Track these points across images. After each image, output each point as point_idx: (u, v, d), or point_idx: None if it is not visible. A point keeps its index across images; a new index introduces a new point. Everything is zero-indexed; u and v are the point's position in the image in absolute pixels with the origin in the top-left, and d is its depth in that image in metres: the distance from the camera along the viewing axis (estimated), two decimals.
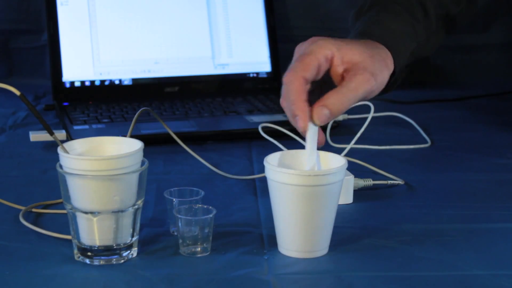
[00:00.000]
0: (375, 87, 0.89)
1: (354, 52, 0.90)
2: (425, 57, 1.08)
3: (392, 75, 0.95)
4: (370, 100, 1.21)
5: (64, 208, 0.87)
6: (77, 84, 1.49)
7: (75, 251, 0.86)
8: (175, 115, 1.39)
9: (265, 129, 1.20)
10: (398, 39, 0.98)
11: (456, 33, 1.16)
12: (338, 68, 0.89)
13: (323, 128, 1.29)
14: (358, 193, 1.06)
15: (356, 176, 1.05)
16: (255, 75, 1.57)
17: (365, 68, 0.88)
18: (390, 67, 0.94)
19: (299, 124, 0.85)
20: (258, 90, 1.55)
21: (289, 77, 0.87)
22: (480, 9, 1.77)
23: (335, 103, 0.85)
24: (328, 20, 1.73)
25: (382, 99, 1.60)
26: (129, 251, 0.87)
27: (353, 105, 0.90)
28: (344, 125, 1.37)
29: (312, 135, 0.86)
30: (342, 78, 0.89)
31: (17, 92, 0.84)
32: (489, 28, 1.78)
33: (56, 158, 0.85)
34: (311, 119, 0.85)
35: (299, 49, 0.90)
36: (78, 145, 0.88)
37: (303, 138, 0.88)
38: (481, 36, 1.78)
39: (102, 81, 1.50)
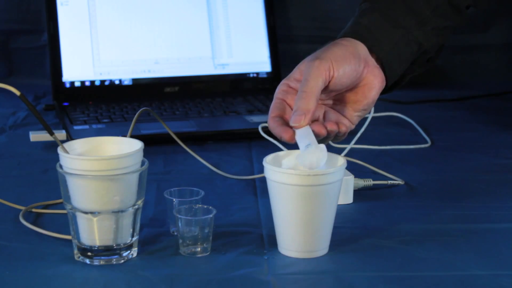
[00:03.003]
0: (329, 64, 0.89)
1: (299, 66, 0.92)
2: (435, 50, 1.05)
3: (382, 65, 0.95)
4: None
5: (64, 208, 0.87)
6: (77, 84, 1.49)
7: (75, 251, 0.86)
8: (175, 115, 1.39)
9: (265, 129, 1.20)
10: (369, 29, 0.96)
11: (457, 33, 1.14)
12: (296, 87, 0.92)
13: None
14: (358, 193, 1.06)
15: (356, 176, 1.05)
16: (255, 75, 1.57)
17: (304, 62, 0.90)
18: (353, 45, 0.93)
19: (286, 139, 0.88)
20: (258, 90, 1.55)
21: (267, 122, 0.91)
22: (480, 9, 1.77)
23: (300, 103, 0.87)
24: (328, 20, 1.73)
25: (382, 99, 1.59)
26: (129, 251, 0.87)
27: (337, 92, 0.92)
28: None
29: (300, 135, 0.87)
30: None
31: (17, 92, 0.84)
32: (489, 28, 1.78)
33: (56, 158, 0.85)
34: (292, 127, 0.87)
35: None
36: (78, 145, 0.88)
37: None
38: (481, 36, 1.78)
39: (102, 81, 1.50)
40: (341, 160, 0.87)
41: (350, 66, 0.91)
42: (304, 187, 0.84)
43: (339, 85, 0.91)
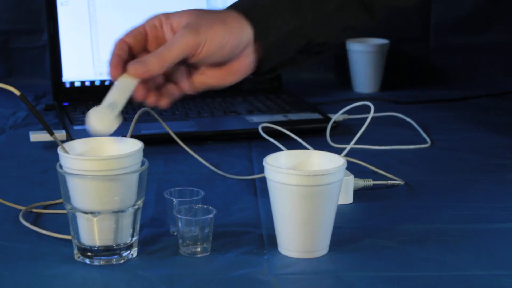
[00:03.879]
0: (202, 42, 0.87)
1: (181, 15, 0.90)
2: (332, 42, 0.99)
3: (260, 53, 0.92)
4: (369, 100, 1.21)
5: (64, 208, 0.87)
6: (77, 84, 1.49)
7: (75, 251, 0.86)
8: (175, 115, 1.39)
9: (265, 129, 1.20)
10: (265, 13, 0.92)
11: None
12: (169, 35, 0.90)
13: (323, 128, 1.29)
14: (358, 193, 1.06)
15: (356, 176, 1.05)
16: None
17: (185, 26, 0.88)
18: (239, 31, 0.89)
19: (110, 74, 0.87)
20: (258, 90, 1.55)
21: (116, 41, 0.90)
22: (480, 9, 1.77)
23: (150, 59, 0.86)
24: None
25: (382, 99, 1.60)
26: (129, 251, 0.87)
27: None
28: (344, 125, 1.37)
29: (119, 85, 0.86)
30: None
31: (17, 92, 0.84)
32: (489, 28, 1.78)
33: (56, 158, 0.85)
34: (127, 71, 0.86)
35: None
36: (78, 145, 0.88)
37: (304, 139, 0.88)
38: (481, 36, 1.78)
39: (102, 81, 1.50)
40: (341, 160, 0.87)
41: (223, 52, 0.89)
42: (305, 187, 0.84)
43: (201, 61, 0.89)
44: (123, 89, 0.86)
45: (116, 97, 0.86)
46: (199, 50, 0.87)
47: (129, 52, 0.89)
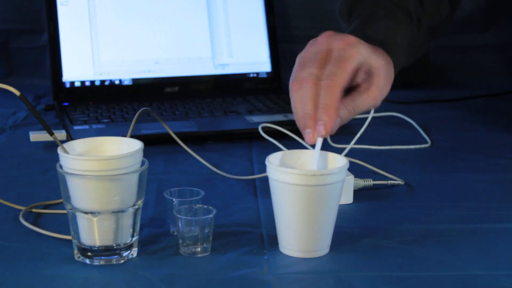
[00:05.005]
0: (379, 102, 0.93)
1: (378, 64, 0.92)
2: (419, 55, 1.08)
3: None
4: None
5: (64, 208, 0.87)
6: (77, 84, 1.49)
7: (75, 251, 0.86)
8: (175, 115, 1.39)
9: (265, 129, 1.20)
10: (395, 41, 0.98)
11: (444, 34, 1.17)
12: (360, 75, 0.92)
13: None
14: (358, 193, 1.06)
15: (356, 176, 1.05)
16: (255, 75, 1.57)
17: (377, 86, 0.91)
18: (393, 75, 0.96)
19: (308, 140, 0.88)
20: (258, 90, 1.55)
21: (330, 83, 0.88)
22: (480, 9, 1.77)
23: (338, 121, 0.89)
24: (328, 20, 1.72)
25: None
26: (129, 251, 0.87)
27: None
28: (344, 125, 1.37)
29: (319, 145, 0.88)
30: (357, 83, 0.92)
31: (17, 92, 0.84)
32: (489, 28, 1.78)
33: (56, 158, 0.85)
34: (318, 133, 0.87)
35: (334, 43, 0.91)
36: (78, 145, 0.88)
37: (303, 138, 0.88)
38: (481, 36, 1.78)
39: (102, 81, 1.50)
40: (343, 160, 0.87)
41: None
42: (307, 186, 0.84)
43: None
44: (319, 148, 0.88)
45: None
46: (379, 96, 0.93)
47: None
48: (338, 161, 0.88)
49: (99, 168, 0.82)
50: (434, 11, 1.08)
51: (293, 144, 1.14)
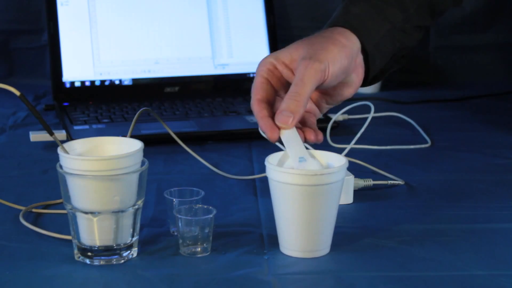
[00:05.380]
0: (326, 67, 0.88)
1: (291, 51, 0.91)
2: (412, 47, 1.05)
3: (367, 56, 0.95)
4: (369, 100, 1.21)
5: (64, 208, 0.87)
6: (77, 84, 1.49)
7: (75, 251, 0.86)
8: (175, 115, 1.39)
9: None
10: (361, 19, 0.96)
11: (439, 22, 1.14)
12: (287, 73, 0.91)
13: (323, 128, 1.29)
14: (358, 193, 1.06)
15: (356, 176, 1.05)
16: (255, 75, 1.56)
17: (303, 57, 0.89)
18: (350, 44, 0.92)
19: (269, 137, 0.87)
20: None
21: (251, 102, 0.90)
22: (480, 9, 1.77)
23: (290, 103, 0.86)
24: (328, 20, 1.73)
25: (382, 99, 1.60)
26: (129, 251, 0.87)
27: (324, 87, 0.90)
28: (344, 125, 1.37)
29: (287, 138, 0.86)
30: None
31: (17, 92, 0.84)
32: (489, 28, 1.78)
33: (56, 158, 0.85)
34: (280, 128, 0.86)
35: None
36: (78, 145, 0.88)
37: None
38: (481, 36, 1.78)
39: (102, 81, 1.50)
40: (342, 160, 0.87)
41: (343, 69, 0.90)
42: (307, 186, 0.84)
43: (328, 85, 0.91)
44: (293, 140, 0.87)
45: (297, 150, 0.87)
46: (326, 76, 0.88)
47: (269, 107, 0.89)
48: (338, 161, 0.88)
49: (99, 168, 0.82)
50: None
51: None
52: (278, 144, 1.16)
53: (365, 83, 0.98)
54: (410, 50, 1.04)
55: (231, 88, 1.55)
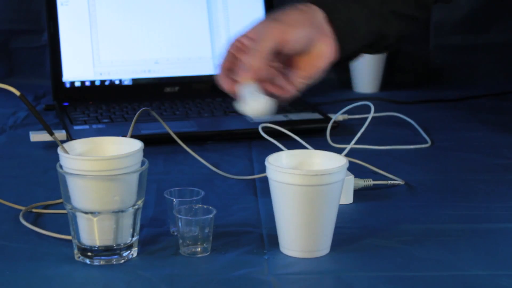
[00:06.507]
0: (285, 26, 0.91)
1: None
2: (395, 37, 1.04)
3: (338, 36, 0.96)
4: (369, 100, 1.21)
5: (64, 208, 0.87)
6: (77, 84, 1.49)
7: (75, 251, 0.86)
8: (175, 115, 1.39)
9: (265, 129, 1.20)
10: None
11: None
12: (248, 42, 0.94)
13: (323, 128, 1.29)
14: (358, 193, 1.06)
15: (356, 176, 1.05)
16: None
17: (272, 19, 0.92)
18: (310, 11, 0.94)
19: (226, 88, 0.93)
20: None
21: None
22: (480, 9, 1.77)
23: (248, 58, 0.90)
24: None
25: (382, 99, 1.60)
26: (129, 251, 0.87)
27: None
28: (344, 125, 1.37)
29: (245, 92, 0.90)
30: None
31: (17, 93, 0.84)
32: (489, 28, 1.78)
33: (56, 158, 0.85)
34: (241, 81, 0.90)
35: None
36: (78, 145, 0.88)
37: (304, 138, 0.88)
38: (481, 36, 1.78)
39: (102, 81, 1.50)
40: (342, 160, 0.87)
41: (305, 31, 0.92)
42: (307, 187, 0.84)
43: (291, 49, 0.92)
44: (251, 94, 0.89)
45: (254, 104, 0.89)
46: (284, 35, 0.90)
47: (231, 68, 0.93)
48: (338, 161, 0.88)
49: (99, 168, 0.82)
50: None
51: (293, 144, 1.14)
52: (277, 143, 1.16)
53: (337, 63, 0.98)
54: (394, 41, 1.04)
55: None
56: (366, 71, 1.67)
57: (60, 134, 1.26)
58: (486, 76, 1.77)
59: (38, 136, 1.24)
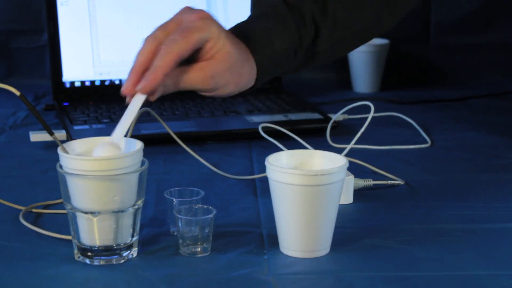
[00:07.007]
0: (208, 86, 0.91)
1: (226, 46, 0.90)
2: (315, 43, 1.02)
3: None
4: (369, 100, 1.21)
5: (64, 208, 0.87)
6: (77, 84, 1.49)
7: (75, 251, 0.86)
8: (175, 115, 1.39)
9: (265, 129, 1.20)
10: (267, 41, 0.96)
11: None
12: (205, 52, 0.90)
13: (323, 128, 1.29)
14: (358, 193, 1.06)
15: (356, 176, 1.05)
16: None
17: (211, 69, 0.90)
18: (247, 72, 0.94)
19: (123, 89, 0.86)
20: (258, 90, 1.55)
21: (168, 48, 0.87)
22: (480, 9, 1.77)
23: (150, 80, 0.85)
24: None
25: (382, 99, 1.60)
26: (129, 251, 0.87)
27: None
28: (344, 125, 1.37)
29: (136, 105, 0.87)
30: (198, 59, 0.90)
31: (17, 92, 0.84)
32: (489, 28, 1.78)
33: (56, 158, 0.85)
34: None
35: (185, 15, 0.90)
36: (78, 145, 0.88)
37: (304, 138, 0.88)
38: (481, 36, 1.78)
39: (102, 81, 1.50)
40: (342, 160, 0.87)
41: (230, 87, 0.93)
42: (307, 187, 0.84)
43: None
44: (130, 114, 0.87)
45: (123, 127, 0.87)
46: (208, 72, 0.90)
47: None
48: (338, 161, 0.88)
49: (99, 168, 0.82)
50: (344, 21, 1.02)
51: (293, 144, 1.15)
52: (277, 143, 1.16)
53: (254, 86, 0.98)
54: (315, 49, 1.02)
55: None
56: (366, 71, 1.67)
57: (60, 134, 1.26)
58: (486, 76, 1.77)
59: (38, 136, 1.24)
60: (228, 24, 1.56)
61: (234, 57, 0.91)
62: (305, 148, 1.15)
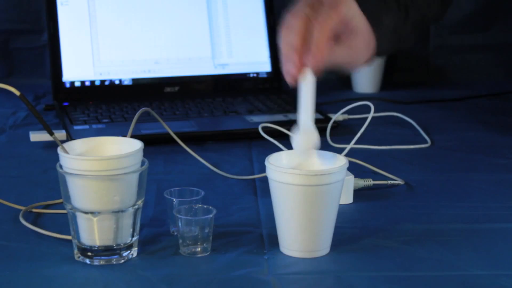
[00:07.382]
0: (354, 63, 0.93)
1: (364, 24, 0.92)
2: (405, 46, 1.06)
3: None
4: (369, 100, 1.21)
5: (64, 208, 0.87)
6: (77, 84, 1.49)
7: (75, 251, 0.86)
8: (175, 115, 1.39)
9: (265, 129, 1.20)
10: (381, 21, 0.97)
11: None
12: (344, 29, 0.90)
13: (323, 128, 1.29)
14: (358, 193, 1.06)
15: (356, 176, 1.05)
16: (255, 75, 1.57)
17: (357, 46, 0.92)
18: (371, 50, 0.95)
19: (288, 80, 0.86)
20: (258, 90, 1.55)
21: (322, 22, 0.86)
22: (480, 9, 1.77)
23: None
24: None
25: (382, 99, 1.60)
26: (129, 251, 0.87)
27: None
28: (344, 125, 1.37)
29: (309, 87, 0.86)
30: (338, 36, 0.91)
31: (17, 92, 0.84)
32: (489, 28, 1.78)
33: (56, 158, 0.85)
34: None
35: None
36: (78, 145, 0.88)
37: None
38: (481, 36, 1.79)
39: (102, 81, 1.50)
40: (343, 160, 0.87)
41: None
42: (307, 186, 0.84)
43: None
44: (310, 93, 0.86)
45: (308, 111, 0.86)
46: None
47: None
48: (338, 161, 0.88)
49: (99, 168, 0.82)
50: (423, 7, 1.07)
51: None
52: (277, 143, 1.16)
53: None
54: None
55: (231, 88, 1.55)
56: (366, 71, 1.67)
57: (60, 134, 1.26)
58: (486, 76, 1.77)
59: (38, 136, 1.24)
60: (228, 24, 1.57)
61: (370, 32, 0.93)
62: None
